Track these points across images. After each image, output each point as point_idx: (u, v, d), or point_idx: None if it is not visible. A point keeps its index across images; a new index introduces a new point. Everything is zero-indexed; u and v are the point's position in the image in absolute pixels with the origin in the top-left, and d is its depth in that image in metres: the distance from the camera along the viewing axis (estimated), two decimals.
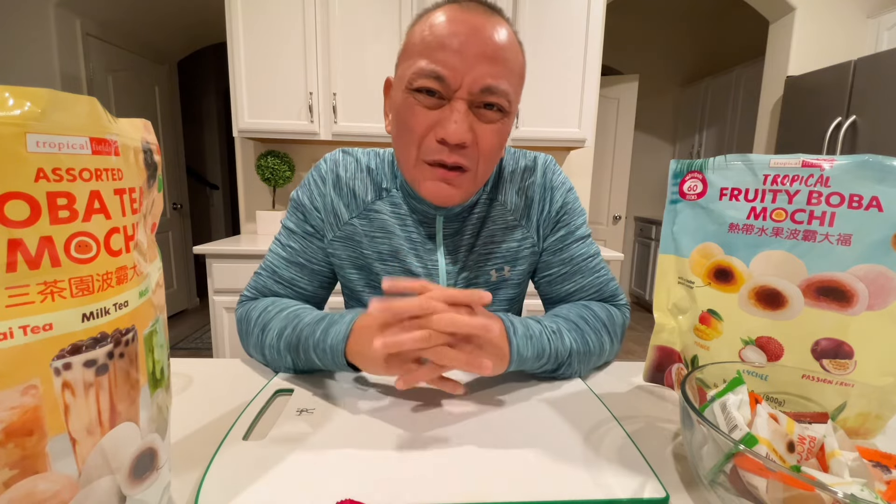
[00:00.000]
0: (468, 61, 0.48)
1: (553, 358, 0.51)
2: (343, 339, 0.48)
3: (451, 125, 0.49)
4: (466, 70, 0.48)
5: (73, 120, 0.20)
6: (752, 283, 0.43)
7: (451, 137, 0.49)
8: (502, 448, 0.39)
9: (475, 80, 0.49)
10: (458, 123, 0.49)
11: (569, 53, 1.92)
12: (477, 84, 0.49)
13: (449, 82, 0.49)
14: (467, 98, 0.50)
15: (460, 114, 0.49)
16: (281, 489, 0.33)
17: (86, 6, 2.45)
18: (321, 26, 1.82)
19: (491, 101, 0.50)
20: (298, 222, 0.64)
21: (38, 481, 0.21)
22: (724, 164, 0.45)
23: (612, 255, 1.87)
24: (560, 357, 0.52)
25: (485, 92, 0.49)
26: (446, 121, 0.50)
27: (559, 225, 0.65)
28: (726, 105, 3.34)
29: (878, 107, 1.96)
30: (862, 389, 0.38)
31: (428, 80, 0.49)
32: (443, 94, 0.50)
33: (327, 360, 0.49)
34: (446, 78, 0.48)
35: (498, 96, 0.50)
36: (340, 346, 0.48)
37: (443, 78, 0.49)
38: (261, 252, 1.71)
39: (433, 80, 0.49)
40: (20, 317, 0.19)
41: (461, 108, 0.49)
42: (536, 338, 0.50)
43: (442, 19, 0.49)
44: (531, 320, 0.53)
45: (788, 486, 0.26)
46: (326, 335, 0.49)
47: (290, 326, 0.52)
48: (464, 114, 0.49)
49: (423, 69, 0.49)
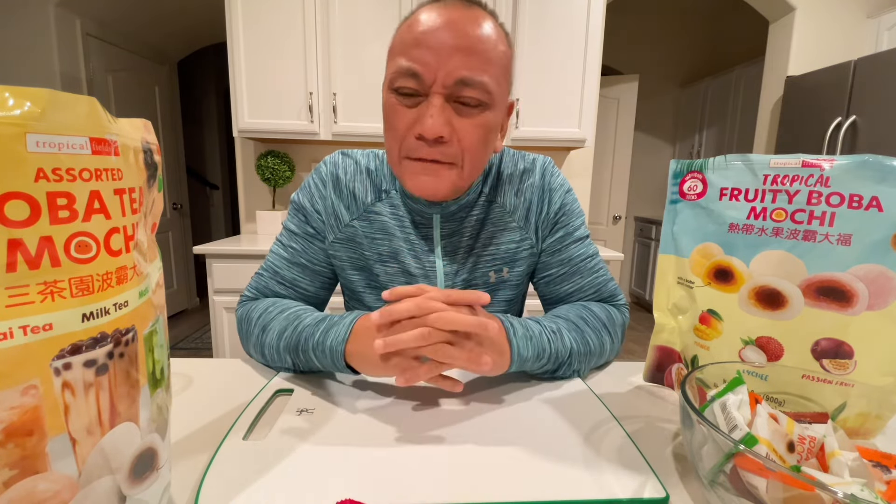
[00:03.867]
0: (442, 56, 0.48)
1: (553, 358, 0.51)
2: (342, 341, 0.48)
3: (427, 120, 0.49)
4: (440, 64, 0.48)
5: (72, 120, 0.20)
6: (752, 283, 0.43)
7: (428, 132, 0.49)
8: (502, 448, 0.39)
9: (448, 73, 0.49)
10: (433, 118, 0.49)
11: (569, 53, 1.92)
12: (451, 77, 0.49)
13: (424, 78, 0.49)
14: (443, 92, 0.49)
15: (436, 108, 0.49)
16: (281, 489, 0.33)
17: (86, 6, 2.45)
18: (321, 26, 1.82)
19: (467, 94, 0.50)
20: (300, 224, 0.64)
21: (38, 481, 0.21)
22: (724, 164, 0.45)
23: (612, 255, 1.87)
24: (560, 357, 0.52)
25: (459, 84, 0.49)
26: (423, 116, 0.50)
27: (558, 226, 0.65)
28: (726, 105, 3.34)
29: (878, 107, 1.96)
30: (862, 389, 0.38)
31: (405, 78, 0.50)
32: (420, 90, 0.50)
33: (326, 362, 0.49)
34: (421, 74, 0.49)
35: (474, 88, 0.50)
36: (340, 348, 0.48)
37: (418, 74, 0.49)
38: (261, 252, 1.71)
39: (410, 78, 0.49)
40: (20, 317, 0.19)
41: (437, 103, 0.49)
42: (536, 338, 0.50)
43: (421, 17, 0.50)
44: (530, 321, 0.53)
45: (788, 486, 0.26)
46: (326, 336, 0.49)
47: (291, 327, 0.52)
48: (440, 108, 0.49)
49: (400, 68, 0.50)
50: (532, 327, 0.51)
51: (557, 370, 0.53)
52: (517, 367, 0.50)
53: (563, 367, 0.53)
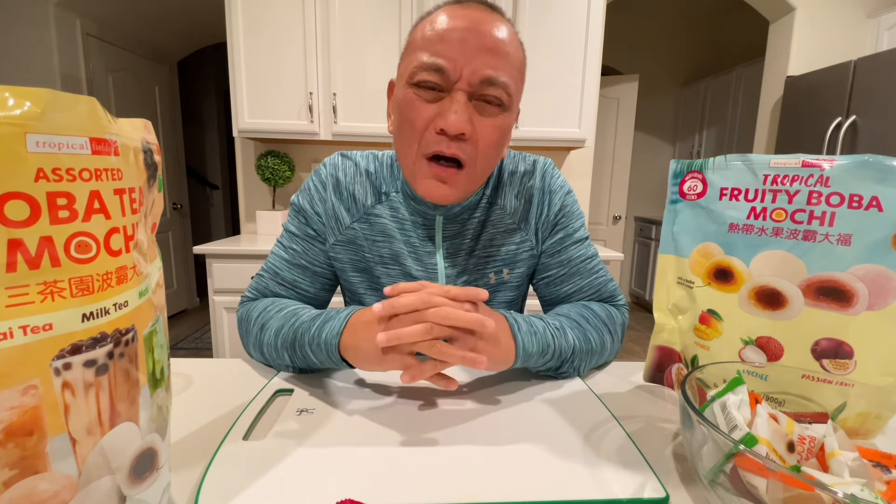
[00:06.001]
0: (468, 52, 0.48)
1: (557, 354, 0.51)
2: (337, 334, 0.48)
3: (452, 115, 0.49)
4: (466, 61, 0.48)
5: (72, 120, 0.20)
6: (752, 283, 0.43)
7: (451, 128, 0.49)
8: (502, 448, 0.39)
9: (475, 70, 0.49)
10: (458, 114, 0.49)
11: (569, 53, 1.92)
12: (476, 75, 0.49)
13: (449, 74, 0.49)
14: (467, 89, 0.50)
15: (460, 104, 0.49)
16: (281, 489, 0.33)
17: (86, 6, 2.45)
18: (321, 26, 1.82)
19: (491, 93, 0.50)
20: (300, 226, 0.64)
21: (38, 481, 0.21)
22: (724, 164, 0.45)
23: (612, 255, 1.87)
24: (563, 354, 0.52)
25: (484, 83, 0.49)
26: (446, 111, 0.50)
27: (557, 227, 0.65)
28: (726, 105, 3.34)
29: (878, 107, 1.96)
30: (862, 389, 0.38)
31: (428, 72, 0.49)
32: (443, 86, 0.50)
33: (322, 356, 0.49)
34: (446, 69, 0.49)
35: (498, 88, 0.50)
36: (335, 341, 0.47)
37: (443, 69, 0.49)
38: (260, 252, 1.71)
39: (433, 73, 0.49)
40: (20, 317, 0.19)
41: (461, 99, 0.50)
42: (540, 334, 0.50)
43: (443, 17, 0.50)
44: (534, 318, 0.53)
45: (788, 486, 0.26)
46: (321, 330, 0.49)
47: (288, 324, 0.52)
48: (464, 104, 0.50)
49: (423, 62, 0.49)
50: (536, 324, 0.51)
51: (560, 367, 0.53)
52: (522, 363, 0.50)
53: (565, 365, 0.53)
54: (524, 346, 0.48)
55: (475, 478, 0.35)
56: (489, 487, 0.34)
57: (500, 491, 0.33)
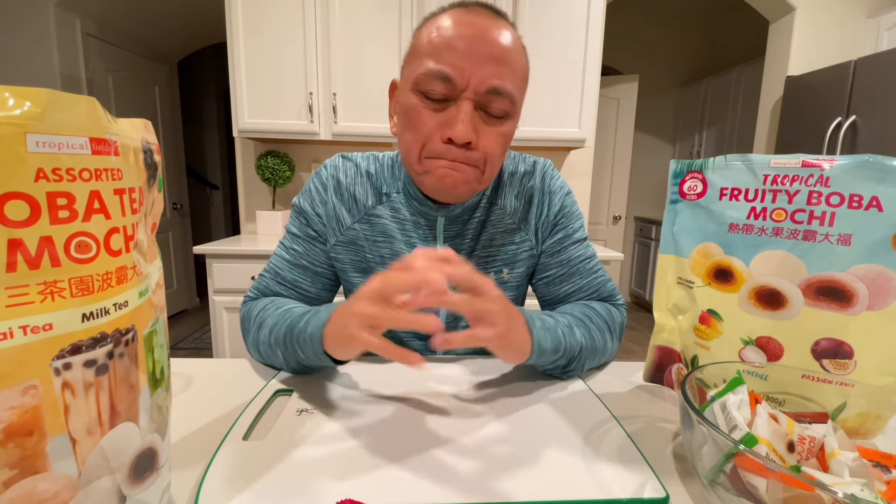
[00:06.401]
0: (474, 62, 0.48)
1: (566, 352, 0.51)
2: (321, 326, 0.46)
3: (458, 125, 0.49)
4: (473, 71, 0.48)
5: (72, 120, 0.20)
6: (752, 283, 0.43)
7: (459, 137, 0.49)
8: (502, 448, 0.39)
9: (481, 80, 0.49)
10: (464, 123, 0.49)
11: (569, 53, 1.92)
12: (483, 84, 0.49)
13: (456, 82, 0.49)
14: (473, 98, 0.50)
15: (466, 114, 0.49)
16: (281, 489, 0.33)
17: (86, 6, 2.45)
18: (321, 26, 1.82)
19: (496, 103, 0.50)
20: (301, 227, 0.64)
21: (38, 481, 0.21)
22: (724, 164, 0.45)
23: (612, 255, 1.87)
24: (572, 351, 0.52)
25: (490, 92, 0.50)
26: (453, 120, 0.50)
27: (557, 228, 0.65)
28: (726, 105, 3.34)
29: (878, 107, 1.96)
30: (862, 389, 0.38)
31: (435, 81, 0.49)
32: (449, 94, 0.50)
33: (308, 350, 0.47)
34: (453, 78, 0.49)
35: (503, 98, 0.50)
36: (318, 333, 0.46)
37: (450, 78, 0.49)
38: (260, 252, 1.71)
39: (440, 82, 0.49)
40: (20, 317, 0.19)
41: (467, 109, 0.50)
42: (553, 330, 0.50)
43: (449, 22, 0.50)
44: (545, 314, 0.53)
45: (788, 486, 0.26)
46: (308, 324, 0.47)
47: (281, 320, 0.52)
48: (470, 113, 0.50)
49: (430, 70, 0.49)
50: (547, 320, 0.51)
51: (568, 365, 0.53)
52: (536, 358, 0.49)
53: (573, 363, 0.53)
54: (539, 342, 0.48)
55: (475, 478, 0.35)
56: (489, 487, 0.34)
57: (500, 491, 0.33)
